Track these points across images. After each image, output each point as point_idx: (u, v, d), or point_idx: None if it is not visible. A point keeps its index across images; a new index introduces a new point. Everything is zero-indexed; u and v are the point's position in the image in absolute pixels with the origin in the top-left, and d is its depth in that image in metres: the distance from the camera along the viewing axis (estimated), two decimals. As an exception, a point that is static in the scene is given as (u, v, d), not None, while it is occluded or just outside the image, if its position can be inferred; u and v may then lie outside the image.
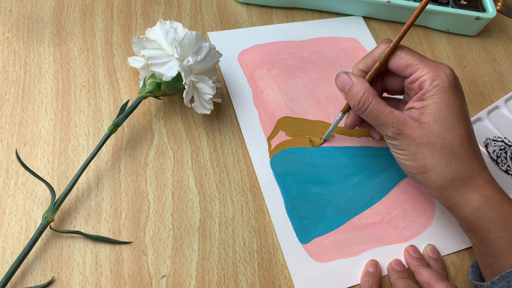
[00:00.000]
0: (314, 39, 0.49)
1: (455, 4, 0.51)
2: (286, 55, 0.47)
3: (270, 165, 0.40)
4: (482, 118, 0.47)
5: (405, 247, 0.38)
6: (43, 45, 0.42)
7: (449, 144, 0.33)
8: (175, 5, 0.48)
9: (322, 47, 0.49)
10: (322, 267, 0.36)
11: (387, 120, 0.34)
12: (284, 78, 0.45)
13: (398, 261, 0.38)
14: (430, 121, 0.33)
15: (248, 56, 0.46)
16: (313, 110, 0.44)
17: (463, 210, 0.33)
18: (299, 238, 0.37)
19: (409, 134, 0.33)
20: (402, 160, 0.35)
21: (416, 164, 0.34)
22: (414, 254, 0.38)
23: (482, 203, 0.32)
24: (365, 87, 0.35)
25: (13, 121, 0.38)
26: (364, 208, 0.40)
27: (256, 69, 0.45)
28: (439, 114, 0.33)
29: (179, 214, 0.36)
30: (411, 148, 0.34)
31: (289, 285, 0.35)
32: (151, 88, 0.37)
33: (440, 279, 0.35)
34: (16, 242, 0.33)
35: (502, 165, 0.45)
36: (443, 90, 0.33)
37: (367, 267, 0.37)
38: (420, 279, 0.36)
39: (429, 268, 0.36)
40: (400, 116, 0.34)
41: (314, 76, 0.46)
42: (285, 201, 0.38)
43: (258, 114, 0.42)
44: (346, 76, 0.36)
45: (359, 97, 0.34)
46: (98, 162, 0.37)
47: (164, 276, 0.34)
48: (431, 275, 0.35)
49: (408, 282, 0.35)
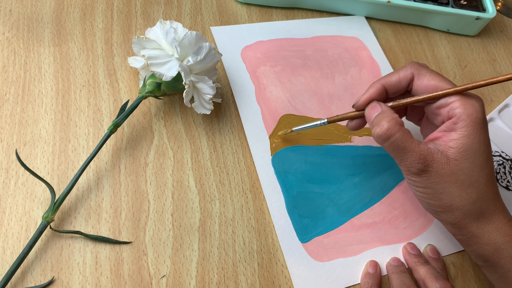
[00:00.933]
0: (317, 37, 0.49)
1: (455, 4, 0.51)
2: (289, 52, 0.47)
3: (272, 163, 0.40)
4: None
5: (403, 245, 0.38)
6: (43, 45, 0.42)
7: (476, 183, 0.31)
8: (175, 5, 0.48)
9: (325, 45, 0.49)
10: (322, 267, 0.36)
11: (412, 154, 0.31)
12: (287, 75, 0.45)
13: (396, 258, 0.37)
14: (462, 157, 0.30)
15: (251, 52, 0.46)
16: (315, 108, 0.44)
17: (484, 248, 0.32)
18: (299, 237, 0.37)
19: (436, 171, 0.30)
20: (424, 199, 0.32)
21: (442, 203, 0.32)
22: (412, 251, 0.38)
23: (504, 242, 0.31)
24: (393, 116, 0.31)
25: (13, 121, 0.38)
26: (365, 208, 0.40)
27: (259, 66, 0.45)
28: (471, 150, 0.30)
29: (179, 214, 0.36)
30: (437, 187, 0.31)
31: (289, 285, 0.35)
32: (151, 88, 0.37)
33: (436, 278, 0.34)
34: (16, 242, 0.33)
35: (502, 181, 0.43)
36: (477, 123, 0.30)
37: (367, 268, 0.36)
38: (416, 276, 0.36)
39: (426, 265, 0.36)
40: (427, 151, 0.31)
41: (317, 74, 0.46)
42: (285, 199, 0.38)
43: (260, 111, 0.42)
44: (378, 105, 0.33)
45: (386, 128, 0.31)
46: (98, 162, 0.37)
47: (164, 276, 0.34)
48: (427, 272, 0.35)
49: (403, 278, 0.35)
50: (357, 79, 0.47)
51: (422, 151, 0.31)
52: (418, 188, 0.32)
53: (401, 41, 0.52)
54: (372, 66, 0.49)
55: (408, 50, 0.52)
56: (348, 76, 0.47)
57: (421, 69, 0.33)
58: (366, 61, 0.49)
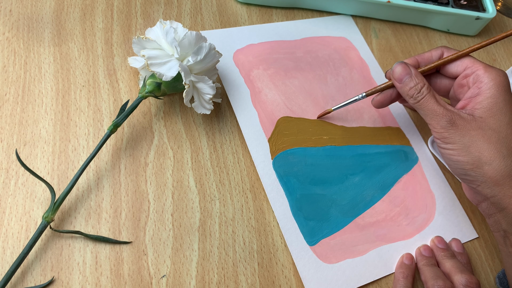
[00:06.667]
0: (306, 38, 0.49)
1: (455, 4, 0.51)
2: (280, 54, 0.47)
3: (273, 167, 0.40)
4: None
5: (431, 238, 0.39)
6: (43, 45, 0.42)
7: (505, 139, 0.31)
8: (175, 5, 0.48)
9: (315, 46, 0.49)
10: (331, 268, 0.36)
11: (440, 111, 0.33)
12: (280, 78, 0.45)
13: (426, 247, 0.38)
14: (487, 115, 0.32)
15: (243, 56, 0.46)
16: (311, 110, 0.44)
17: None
18: (307, 240, 0.37)
19: (462, 125, 0.32)
20: (453, 156, 0.33)
21: (470, 158, 0.32)
22: (439, 244, 0.38)
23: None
24: (424, 79, 0.35)
25: (13, 121, 0.38)
26: (367, 207, 0.40)
27: (252, 69, 0.45)
28: (496, 108, 0.32)
29: (179, 214, 0.36)
30: (464, 140, 0.32)
31: (289, 285, 0.35)
32: (151, 88, 0.37)
33: (461, 271, 0.34)
34: (16, 242, 0.33)
35: None
36: (500, 85, 0.33)
37: (402, 259, 0.37)
38: (442, 269, 0.36)
39: (453, 259, 0.36)
40: (454, 109, 0.33)
41: (310, 76, 0.46)
42: (290, 203, 0.38)
43: (257, 114, 0.42)
44: (407, 66, 0.36)
45: (419, 87, 0.35)
46: (98, 162, 0.37)
47: (164, 276, 0.34)
48: (453, 266, 0.35)
49: (437, 270, 0.35)
50: (348, 80, 0.47)
51: (449, 108, 0.34)
52: (447, 145, 0.33)
53: (401, 41, 0.52)
54: (362, 66, 0.49)
55: (408, 50, 0.52)
56: (340, 77, 0.47)
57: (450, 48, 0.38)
58: (356, 61, 0.49)
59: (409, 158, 0.44)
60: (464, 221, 0.41)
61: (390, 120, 0.46)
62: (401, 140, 0.45)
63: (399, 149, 0.44)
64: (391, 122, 0.46)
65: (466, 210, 0.42)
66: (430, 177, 0.43)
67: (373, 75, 0.48)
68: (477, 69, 0.34)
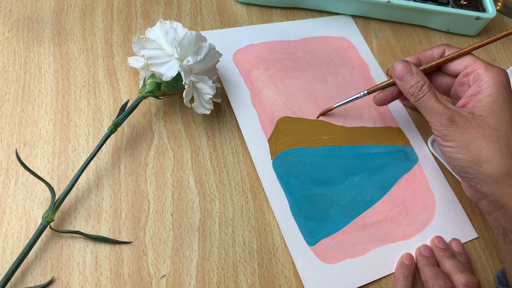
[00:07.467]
0: (306, 38, 0.49)
1: (455, 4, 0.51)
2: (280, 55, 0.47)
3: (273, 167, 0.40)
4: None
5: (431, 238, 0.39)
6: (43, 45, 0.42)
7: (505, 137, 0.32)
8: (175, 5, 0.48)
9: (315, 46, 0.49)
10: (331, 269, 0.36)
11: (440, 109, 0.34)
12: (280, 78, 0.45)
13: (426, 247, 0.38)
14: (487, 113, 0.32)
15: (243, 56, 0.46)
16: (311, 110, 0.44)
17: None
18: (306, 240, 0.37)
19: (462, 123, 0.33)
20: (453, 154, 0.33)
21: (469, 156, 0.32)
22: (439, 244, 0.38)
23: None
24: (425, 77, 0.36)
25: (13, 121, 0.38)
26: (367, 207, 0.40)
27: (252, 70, 0.45)
28: (496, 107, 0.32)
29: (179, 214, 0.36)
30: (464, 138, 0.32)
31: (289, 285, 0.35)
32: (151, 88, 0.37)
33: (461, 271, 0.34)
34: (16, 242, 0.33)
35: None
36: (500, 84, 0.33)
37: (402, 259, 0.37)
38: (442, 269, 0.36)
39: (453, 258, 0.36)
40: (454, 107, 0.34)
41: (310, 76, 0.46)
42: (289, 203, 0.38)
43: (257, 114, 0.42)
44: (408, 65, 0.36)
45: (420, 85, 0.35)
46: (98, 162, 0.37)
47: (164, 276, 0.34)
48: (453, 266, 0.35)
49: (437, 270, 0.35)
50: (348, 80, 0.47)
51: (449, 106, 0.34)
52: (447, 142, 0.34)
53: (401, 41, 0.52)
54: (362, 66, 0.49)
55: (408, 50, 0.52)
56: (340, 77, 0.47)
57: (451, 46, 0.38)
58: (356, 61, 0.49)
59: (409, 158, 0.44)
60: (464, 221, 0.41)
61: (390, 120, 0.46)
62: (401, 140, 0.45)
63: (399, 149, 0.44)
64: (391, 122, 0.46)
65: (466, 210, 0.42)
66: (430, 177, 0.43)
67: (373, 75, 0.48)
68: (477, 67, 0.34)
